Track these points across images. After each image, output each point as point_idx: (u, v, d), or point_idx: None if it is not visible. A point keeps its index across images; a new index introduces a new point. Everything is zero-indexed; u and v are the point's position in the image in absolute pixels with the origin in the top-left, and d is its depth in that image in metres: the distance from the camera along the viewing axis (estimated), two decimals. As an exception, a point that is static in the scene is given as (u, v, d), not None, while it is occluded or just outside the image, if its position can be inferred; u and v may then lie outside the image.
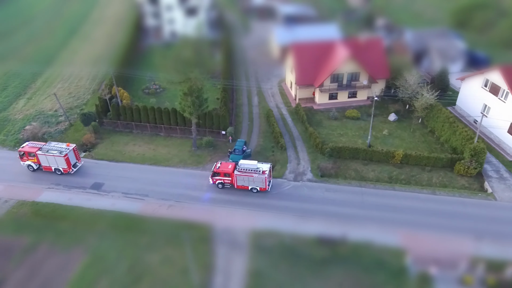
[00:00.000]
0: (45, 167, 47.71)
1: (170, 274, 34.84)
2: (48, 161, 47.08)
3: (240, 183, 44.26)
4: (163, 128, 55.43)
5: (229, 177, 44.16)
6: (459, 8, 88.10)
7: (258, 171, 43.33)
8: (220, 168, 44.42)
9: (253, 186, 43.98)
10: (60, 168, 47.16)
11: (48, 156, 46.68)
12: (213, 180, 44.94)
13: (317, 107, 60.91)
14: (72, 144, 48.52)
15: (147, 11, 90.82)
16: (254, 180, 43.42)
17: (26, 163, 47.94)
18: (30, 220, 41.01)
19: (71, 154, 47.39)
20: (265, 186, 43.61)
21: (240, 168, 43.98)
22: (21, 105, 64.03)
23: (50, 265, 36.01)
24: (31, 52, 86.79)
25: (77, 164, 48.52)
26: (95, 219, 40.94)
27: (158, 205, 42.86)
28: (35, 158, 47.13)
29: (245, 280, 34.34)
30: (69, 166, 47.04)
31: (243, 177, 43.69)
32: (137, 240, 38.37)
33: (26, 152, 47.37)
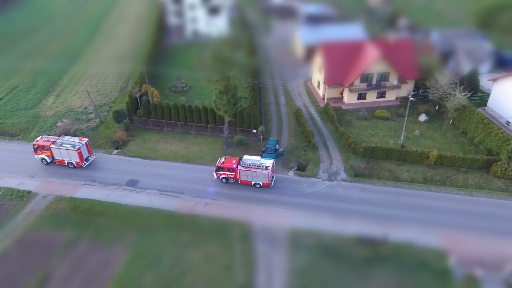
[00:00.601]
0: (58, 160, 48.59)
1: (213, 271, 34.99)
2: (61, 155, 47.91)
3: (243, 178, 44.80)
4: (193, 126, 55.64)
5: (233, 172, 44.74)
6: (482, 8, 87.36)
7: (261, 167, 43.85)
8: (224, 163, 45.06)
9: (256, 181, 44.53)
10: (73, 161, 48.02)
11: (61, 150, 47.57)
12: (217, 175, 45.59)
13: (346, 107, 60.72)
14: (85, 139, 49.54)
15: (170, 10, 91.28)
16: (257, 175, 43.99)
17: (40, 156, 48.83)
18: (69, 215, 41.44)
19: (84, 148, 48.28)
20: (268, 182, 44.11)
21: (244, 163, 44.59)
22: (51, 102, 64.71)
23: (92, 261, 36.39)
24: (55, 50, 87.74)
25: (89, 158, 49.38)
26: (133, 216, 41.26)
27: (195, 202, 43.07)
28: (49, 151, 47.99)
29: (288, 278, 34.38)
30: (82, 159, 47.91)
31: (246, 172, 44.19)
32: (178, 237, 38.58)
33: (40, 146, 48.21)
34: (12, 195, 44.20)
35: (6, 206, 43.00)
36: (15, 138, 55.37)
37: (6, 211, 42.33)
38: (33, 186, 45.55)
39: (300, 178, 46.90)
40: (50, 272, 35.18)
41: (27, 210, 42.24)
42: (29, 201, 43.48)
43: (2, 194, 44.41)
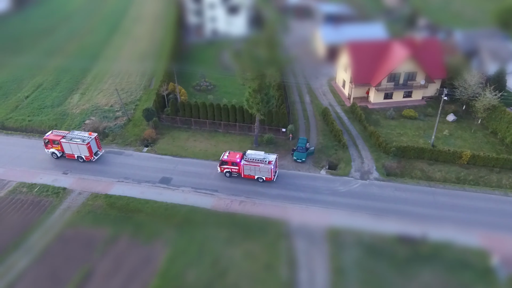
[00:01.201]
0: (68, 154, 49.42)
1: (255, 269, 35.10)
2: (71, 149, 48.72)
3: (246, 172, 45.48)
4: (222, 125, 55.79)
5: (236, 166, 45.39)
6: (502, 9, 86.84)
7: (264, 161, 44.43)
8: (228, 158, 45.71)
9: (259, 175, 45.19)
10: (83, 155, 48.84)
11: (71, 144, 48.37)
12: (221, 169, 46.30)
13: (372, 106, 60.65)
14: (94, 133, 50.38)
15: (190, 9, 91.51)
16: (260, 169, 44.65)
17: (50, 150, 49.69)
18: (107, 212, 41.68)
19: (93, 142, 49.06)
20: (271, 176, 44.78)
21: (247, 158, 45.15)
22: (76, 100, 65.07)
23: (133, 257, 36.60)
24: (76, 48, 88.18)
25: (98, 152, 50.18)
26: (170, 213, 41.45)
27: (230, 200, 43.22)
28: (59, 146, 48.85)
29: (329, 276, 34.43)
30: (91, 154, 48.68)
31: (249, 167, 44.90)
32: (216, 234, 38.72)
33: (51, 140, 49.02)
34: (48, 192, 44.54)
35: (43, 202, 43.36)
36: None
37: (43, 207, 42.68)
38: (68, 183, 45.90)
39: (332, 177, 46.92)
40: (93, 268, 35.43)
41: (64, 207, 42.57)
42: (65, 197, 43.81)
43: (38, 191, 44.77)
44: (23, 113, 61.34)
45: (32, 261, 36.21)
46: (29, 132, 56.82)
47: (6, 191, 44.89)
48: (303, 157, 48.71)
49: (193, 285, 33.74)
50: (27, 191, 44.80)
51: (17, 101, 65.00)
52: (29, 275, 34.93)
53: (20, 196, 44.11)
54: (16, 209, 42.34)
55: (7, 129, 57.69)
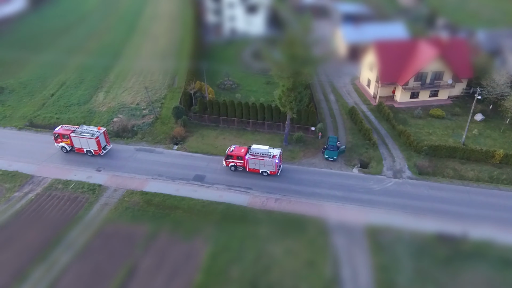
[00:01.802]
0: (77, 148, 50.32)
1: (297, 266, 35.22)
2: (80, 143, 49.63)
3: (251, 166, 46.37)
4: (250, 123, 55.96)
5: (241, 160, 46.27)
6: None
7: (268, 155, 45.33)
8: (234, 151, 46.66)
9: (263, 169, 46.14)
10: (91, 150, 49.72)
11: (80, 138, 49.24)
12: (226, 163, 47.26)
13: (398, 105, 60.69)
14: (103, 128, 51.31)
15: (209, 8, 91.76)
16: (264, 163, 45.60)
17: (60, 144, 50.51)
18: (144, 208, 41.92)
19: (102, 137, 49.91)
20: (275, 170, 45.72)
21: (252, 152, 45.98)
22: (102, 98, 65.43)
23: (175, 253, 36.82)
24: (95, 47, 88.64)
25: (107, 146, 51.06)
26: (207, 210, 41.64)
27: (265, 198, 43.39)
28: (69, 140, 49.69)
29: (373, 273, 34.52)
30: (100, 148, 49.57)
31: (254, 160, 45.79)
32: (255, 231, 38.89)
33: (61, 134, 49.83)
34: (84, 188, 44.86)
35: (80, 198, 43.67)
36: (74, 133, 56.09)
37: (80, 203, 42.98)
38: (103, 180, 46.19)
39: (365, 175, 47.02)
40: (136, 264, 35.66)
41: (101, 203, 42.86)
42: (101, 194, 44.10)
43: (74, 187, 45.10)
44: (51, 111, 61.77)
45: (74, 256, 36.49)
46: (58, 130, 57.20)
47: (42, 187, 45.24)
48: (334, 155, 48.83)
49: (237, 281, 33.92)
50: (62, 188, 45.14)
51: (43, 99, 65.45)
52: (72, 271, 35.20)
53: (56, 193, 44.45)
54: (53, 205, 42.67)
55: (36, 127, 58.05)
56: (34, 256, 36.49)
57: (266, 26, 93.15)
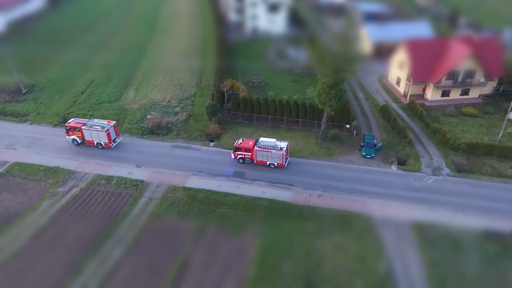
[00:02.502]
0: (88, 141, 51.55)
1: (348, 261, 35.51)
2: (91, 136, 50.85)
3: (259, 158, 47.51)
4: (284, 120, 56.27)
5: (250, 152, 47.38)
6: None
7: (276, 148, 46.39)
8: (242, 144, 47.81)
9: (271, 161, 47.27)
10: (102, 142, 50.92)
11: (91, 131, 50.48)
12: (234, 155, 48.36)
13: (429, 103, 60.89)
14: (113, 121, 52.47)
15: (231, 7, 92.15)
16: (272, 156, 46.74)
17: (71, 137, 51.81)
18: (189, 204, 42.29)
19: (112, 130, 51.14)
20: (282, 162, 46.86)
21: (260, 145, 47.10)
22: (132, 96, 65.89)
23: (225, 248, 37.18)
24: (118, 45, 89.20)
25: (117, 139, 52.23)
26: (251, 206, 41.97)
27: (308, 194, 43.71)
28: (80, 132, 50.98)
29: (424, 269, 34.76)
30: (110, 140, 50.77)
31: (262, 153, 46.91)
32: (303, 227, 39.22)
33: (72, 127, 51.14)
34: (126, 184, 45.31)
35: (124, 194, 44.11)
36: (109, 130, 56.57)
37: (125, 199, 43.42)
38: (144, 176, 46.63)
39: (404, 172, 47.27)
40: (188, 258, 36.05)
41: (145, 198, 43.29)
42: (145, 189, 44.53)
43: (116, 183, 45.55)
44: (83, 108, 62.30)
45: (126, 250, 36.91)
46: (92, 127, 57.65)
47: (85, 183, 45.73)
48: (372, 152, 49.10)
49: (290, 275, 34.24)
50: (105, 183, 45.60)
51: (74, 96, 65.99)
52: (126, 264, 35.61)
53: (100, 188, 44.93)
54: (98, 200, 43.14)
55: (70, 123, 58.62)
56: (86, 250, 36.96)
57: (287, 25, 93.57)
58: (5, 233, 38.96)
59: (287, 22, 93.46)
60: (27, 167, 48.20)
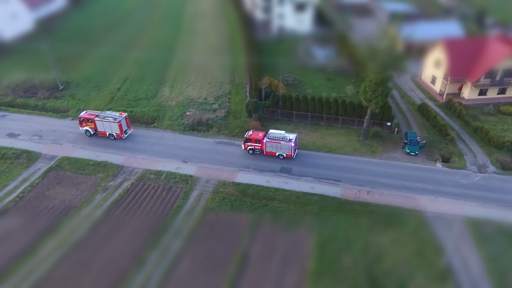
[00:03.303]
0: (100, 132, 53.55)
1: (406, 255, 35.90)
2: (104, 127, 52.79)
3: (269, 150, 49.16)
4: (324, 118, 56.69)
5: (259, 143, 49.02)
6: None
7: (285, 139, 47.95)
8: (252, 135, 49.50)
9: (280, 152, 48.68)
10: (114, 133, 52.82)
11: (104, 122, 52.38)
12: (244, 146, 49.96)
13: (466, 102, 61.06)
14: (124, 113, 54.17)
15: (258, 5, 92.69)
16: (281, 147, 48.25)
17: (84, 128, 53.74)
18: (240, 199, 42.84)
19: (123, 121, 52.99)
20: (291, 153, 48.29)
21: (270, 136, 48.84)
22: (168, 93, 66.58)
23: (282, 241, 37.70)
24: (147, 43, 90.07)
25: (128, 131, 54.02)
26: (303, 201, 42.45)
27: (357, 190, 44.14)
28: (93, 124, 52.93)
29: (483, 264, 35.06)
30: (121, 132, 52.59)
31: (272, 144, 48.52)
32: (357, 222, 39.65)
33: (85, 119, 53.09)
34: (176, 179, 45.96)
35: (174, 188, 44.77)
36: (151, 126, 57.27)
37: (176, 193, 44.07)
38: (192, 171, 47.27)
39: (449, 169, 47.56)
40: (247, 251, 36.60)
41: (196, 193, 43.93)
42: (195, 184, 45.17)
43: (165, 177, 46.22)
44: (121, 104, 63.09)
45: (184, 243, 37.53)
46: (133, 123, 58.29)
47: (135, 177, 46.45)
48: (416, 150, 49.42)
49: (351, 268, 34.67)
50: (155, 178, 46.30)
51: (111, 93, 66.87)
52: (186, 256, 36.21)
53: (150, 182, 45.62)
54: (150, 194, 43.82)
55: (110, 119, 59.44)
56: (146, 242, 37.65)
57: (313, 24, 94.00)
58: (65, 225, 39.76)
59: (313, 21, 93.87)
60: (76, 162, 49.03)
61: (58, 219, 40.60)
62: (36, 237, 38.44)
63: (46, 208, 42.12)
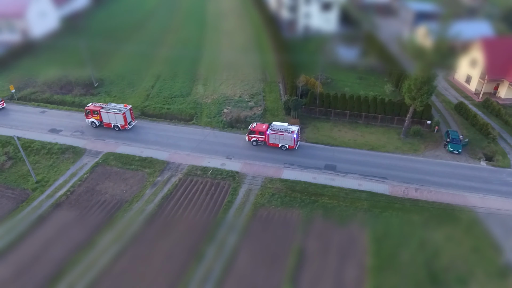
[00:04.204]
0: (105, 123, 55.26)
1: (463, 252, 36.04)
2: (109, 118, 54.56)
3: (272, 141, 50.64)
4: (362, 116, 56.88)
5: (263, 135, 50.49)
6: None
7: (288, 131, 49.53)
8: (256, 127, 51.22)
9: (283, 143, 50.29)
10: (118, 124, 54.55)
11: (109, 114, 54.05)
12: (248, 138, 51.44)
13: (502, 101, 60.98)
14: (129, 105, 55.92)
15: (284, 5, 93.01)
16: (284, 138, 49.77)
17: (90, 120, 55.49)
18: (290, 195, 43.14)
19: (128, 113, 54.77)
20: (293, 144, 49.84)
21: (273, 128, 50.33)
22: (202, 90, 67.06)
23: (336, 237, 37.97)
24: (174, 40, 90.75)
25: (132, 122, 55.87)
26: (352, 198, 42.67)
27: (404, 187, 44.29)
28: (98, 115, 54.62)
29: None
30: (126, 123, 54.44)
31: (275, 135, 49.99)
32: (409, 219, 39.81)
33: (91, 110, 54.80)
34: (223, 175, 46.34)
35: (222, 184, 45.15)
36: (190, 123, 57.73)
37: (224, 189, 44.45)
38: (237, 167, 47.63)
39: (495, 168, 47.59)
40: (303, 246, 36.88)
41: (245, 189, 44.29)
42: (242, 180, 45.52)
43: (212, 173, 46.63)
44: (157, 102, 63.60)
45: (240, 238, 37.88)
46: (172, 120, 58.81)
47: (182, 173, 46.90)
48: (459, 148, 49.49)
49: (410, 264, 34.86)
50: (201, 174, 46.72)
51: (145, 90, 67.42)
52: (244, 251, 36.52)
53: (197, 178, 46.05)
54: (199, 190, 44.23)
55: (148, 116, 59.96)
56: (202, 236, 38.04)
57: (338, 24, 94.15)
58: (119, 219, 40.27)
59: (338, 21, 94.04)
60: (121, 157, 49.56)
61: (111, 213, 41.16)
62: (92, 230, 39.00)
63: (98, 202, 42.70)
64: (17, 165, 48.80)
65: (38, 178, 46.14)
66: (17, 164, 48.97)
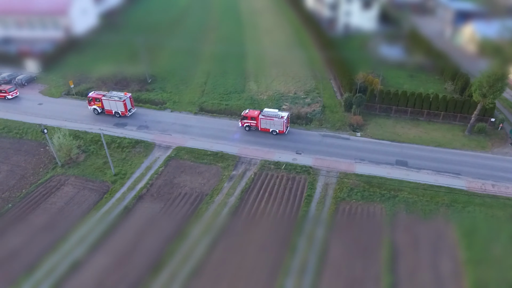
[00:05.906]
0: (107, 110, 58.21)
1: (555, 247, 36.34)
2: (110, 105, 57.57)
3: (263, 126, 53.66)
4: (424, 113, 57.10)
5: (255, 120, 53.51)
6: None
7: (278, 116, 52.54)
8: (248, 113, 54.08)
9: (273, 128, 53.29)
10: (119, 111, 57.43)
11: (110, 101, 57.13)
12: (241, 123, 54.47)
13: (560, 100, 61.04)
14: (129, 93, 58.95)
15: (325, 3, 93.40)
16: (274, 123, 52.81)
17: (92, 107, 58.58)
18: (368, 189, 43.53)
19: (128, 100, 57.66)
20: (283, 129, 52.92)
21: (264, 114, 53.36)
22: (255, 87, 67.59)
23: (423, 231, 38.26)
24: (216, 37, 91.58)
25: (132, 110, 58.73)
26: (430, 193, 42.93)
27: (481, 183, 44.52)
28: (100, 102, 57.67)
29: None
30: (126, 110, 57.31)
31: (266, 121, 52.99)
32: (494, 214, 40.07)
33: (94, 98, 57.96)
34: (297, 169, 46.85)
35: (298, 178, 45.68)
36: (251, 119, 58.36)
37: (301, 183, 44.97)
38: (309, 162, 48.11)
39: None
40: (393, 240, 37.29)
41: (321, 183, 44.80)
42: (317, 175, 46.01)
43: (286, 168, 47.16)
44: (213, 98, 64.26)
45: (327, 231, 38.35)
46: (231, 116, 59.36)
47: (256, 167, 47.49)
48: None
49: (505, 258, 35.13)
50: (275, 168, 47.28)
51: (199, 87, 68.13)
52: (335, 244, 36.99)
53: (272, 173, 46.62)
54: (276, 184, 44.78)
55: (207, 111, 60.61)
56: (291, 229, 38.59)
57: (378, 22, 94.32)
58: (204, 212, 40.94)
59: (378, 19, 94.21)
60: (192, 151, 50.27)
61: (195, 206, 41.85)
62: (180, 222, 39.71)
63: (180, 195, 43.42)
64: (91, 158, 49.73)
65: (115, 171, 46.98)
66: (90, 157, 49.89)
